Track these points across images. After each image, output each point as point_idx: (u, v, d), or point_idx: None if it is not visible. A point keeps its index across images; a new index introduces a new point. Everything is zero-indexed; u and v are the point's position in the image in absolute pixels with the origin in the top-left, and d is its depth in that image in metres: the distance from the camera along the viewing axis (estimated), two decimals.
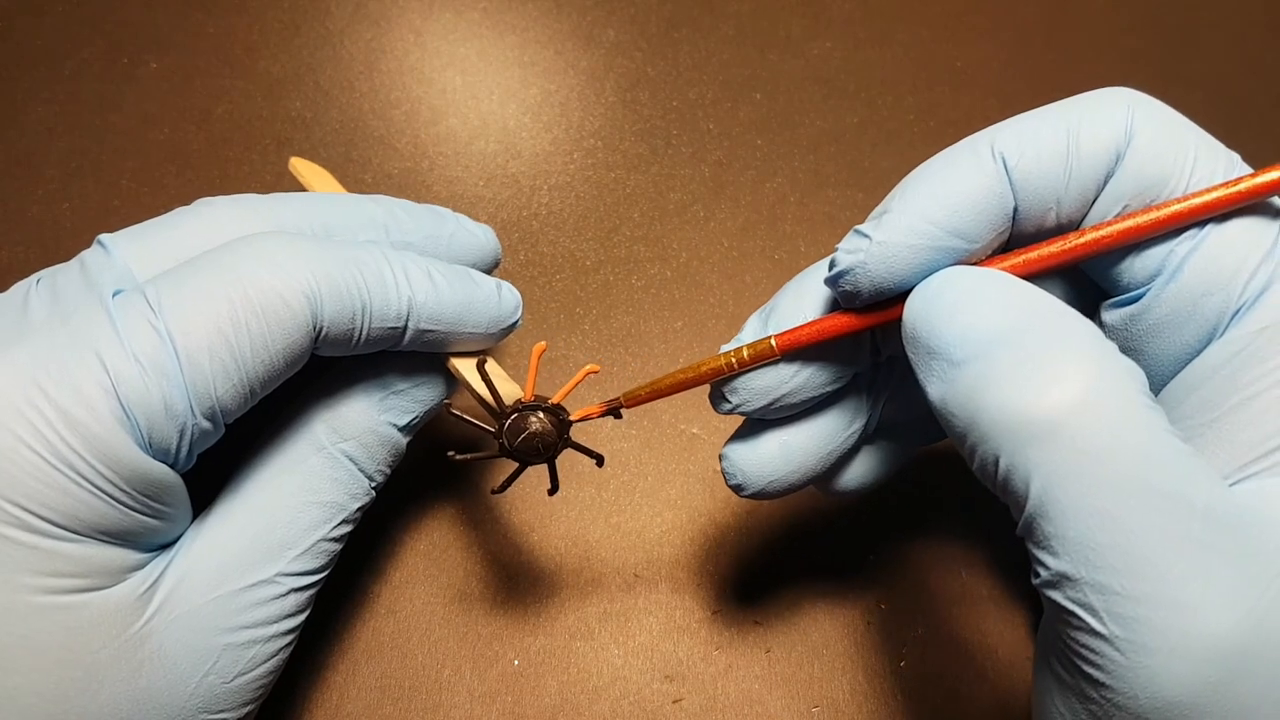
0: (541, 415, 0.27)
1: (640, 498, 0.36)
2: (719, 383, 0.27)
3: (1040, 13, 0.50)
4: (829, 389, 0.26)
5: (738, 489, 0.28)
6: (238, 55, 0.47)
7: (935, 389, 0.22)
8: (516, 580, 0.35)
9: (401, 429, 0.29)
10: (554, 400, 0.27)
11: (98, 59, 0.47)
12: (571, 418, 0.28)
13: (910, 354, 0.23)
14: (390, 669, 0.33)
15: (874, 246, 0.23)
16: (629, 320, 0.40)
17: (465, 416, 0.28)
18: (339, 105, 0.46)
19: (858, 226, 0.24)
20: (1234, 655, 0.18)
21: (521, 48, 0.48)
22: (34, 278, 0.26)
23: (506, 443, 0.27)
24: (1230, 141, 0.24)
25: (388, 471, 0.29)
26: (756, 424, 0.28)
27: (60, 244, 0.41)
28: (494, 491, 0.28)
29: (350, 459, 0.28)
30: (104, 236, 0.26)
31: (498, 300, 0.29)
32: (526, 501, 0.36)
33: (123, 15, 0.48)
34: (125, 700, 0.23)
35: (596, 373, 0.27)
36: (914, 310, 0.23)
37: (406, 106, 0.46)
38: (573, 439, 0.28)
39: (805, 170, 0.44)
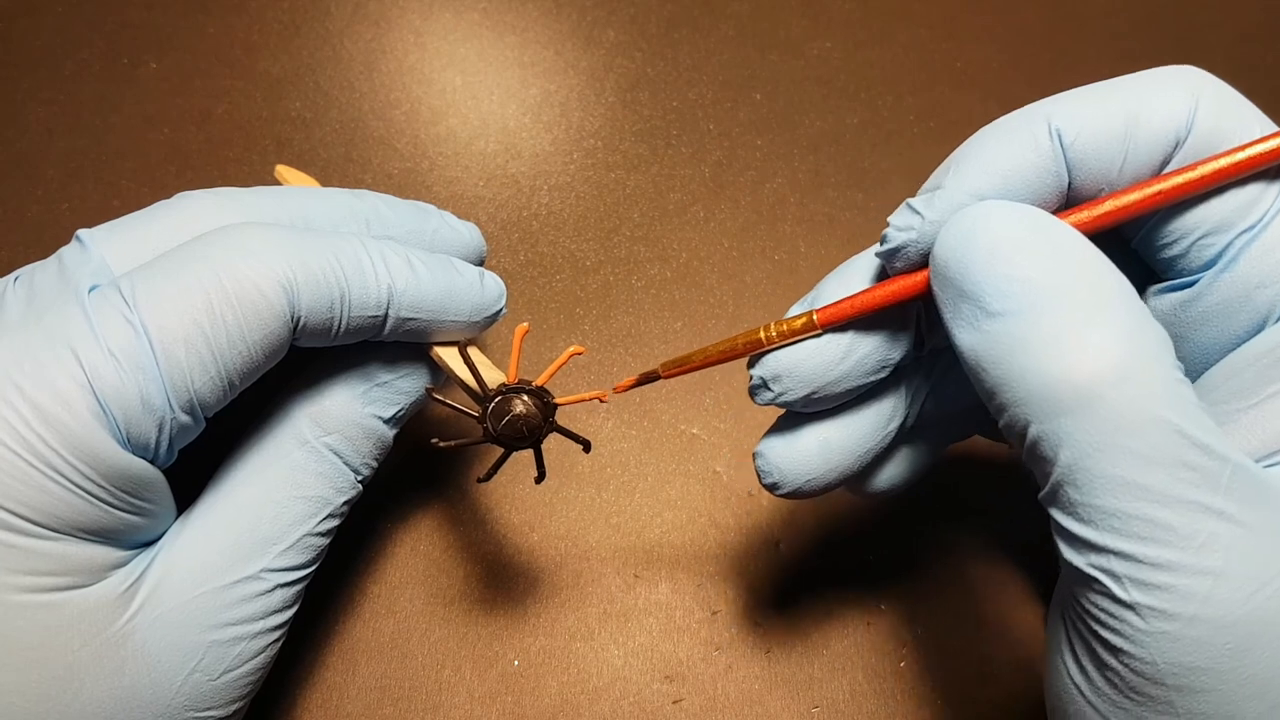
0: (526, 398, 0.27)
1: (640, 498, 0.36)
2: (758, 362, 0.26)
3: (1040, 13, 0.50)
4: (872, 379, 0.26)
5: (772, 488, 0.27)
6: (237, 56, 0.47)
7: (966, 337, 0.21)
8: (516, 581, 0.35)
9: (386, 421, 0.29)
10: (538, 383, 0.27)
11: (98, 60, 0.47)
12: (557, 401, 0.27)
13: (938, 291, 0.22)
14: (390, 669, 0.33)
15: (926, 225, 0.23)
16: (629, 320, 0.40)
17: (448, 401, 0.27)
18: (339, 106, 0.46)
19: (910, 200, 0.24)
20: (1253, 623, 0.18)
21: (521, 48, 0.48)
22: (12, 275, 0.26)
23: (491, 427, 0.27)
24: None
25: (374, 465, 0.29)
26: (793, 420, 0.27)
27: (59, 244, 0.41)
28: (480, 480, 0.28)
29: (334, 452, 0.28)
30: (82, 232, 0.26)
31: (480, 288, 0.29)
32: (526, 501, 0.36)
33: (123, 16, 0.48)
34: (108, 698, 0.23)
35: (582, 354, 0.27)
36: (947, 247, 0.22)
37: (406, 107, 0.46)
38: (559, 424, 0.28)
39: (805, 170, 0.44)
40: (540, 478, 0.28)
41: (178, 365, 0.23)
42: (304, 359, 0.28)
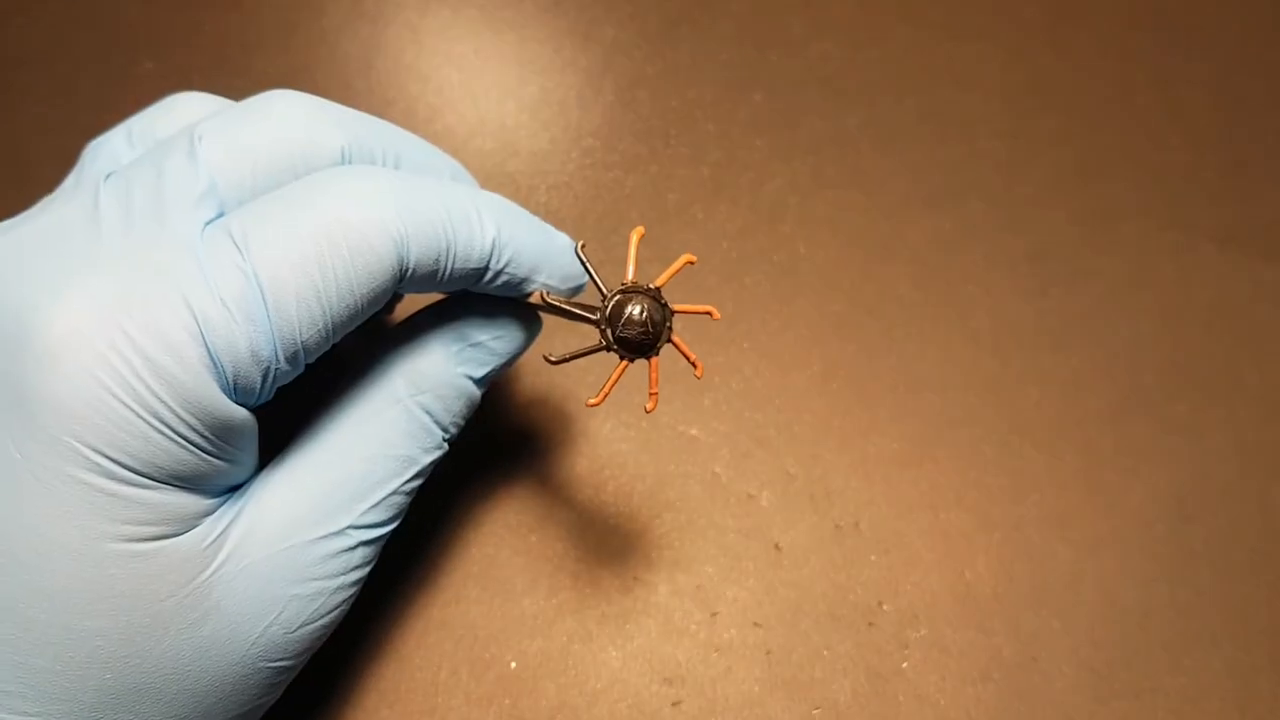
0: (646, 299, 0.26)
1: (639, 500, 0.36)
2: None
3: (1041, 12, 0.50)
4: None
5: None
6: (234, 54, 0.47)
7: None
8: (514, 582, 0.35)
9: (477, 381, 0.29)
10: (656, 284, 0.26)
11: (93, 58, 0.46)
12: (674, 308, 0.26)
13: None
14: (386, 671, 0.33)
15: None
16: None
17: (562, 304, 0.26)
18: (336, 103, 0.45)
19: None
20: None
21: (519, 45, 0.48)
22: (102, 173, 0.25)
23: (610, 332, 0.26)
24: (1230, 140, 0.24)
25: (461, 424, 0.29)
26: None
27: None
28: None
29: (426, 411, 0.27)
30: (196, 130, 0.25)
31: (571, 257, 0.29)
32: (524, 503, 0.36)
33: (119, 15, 0.48)
34: (188, 647, 0.23)
35: (694, 263, 0.26)
36: None
37: (403, 105, 0.45)
38: (674, 337, 0.26)
39: (805, 171, 0.44)
40: (653, 402, 0.27)
41: (288, 318, 0.23)
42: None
